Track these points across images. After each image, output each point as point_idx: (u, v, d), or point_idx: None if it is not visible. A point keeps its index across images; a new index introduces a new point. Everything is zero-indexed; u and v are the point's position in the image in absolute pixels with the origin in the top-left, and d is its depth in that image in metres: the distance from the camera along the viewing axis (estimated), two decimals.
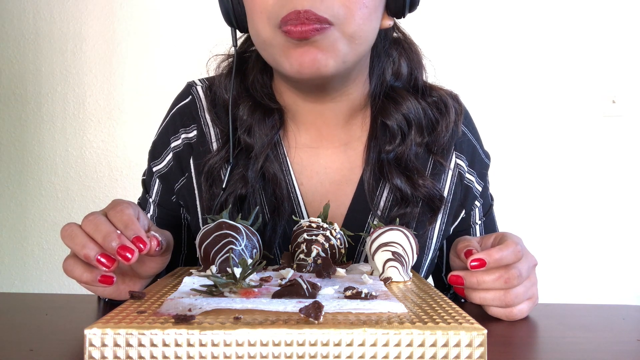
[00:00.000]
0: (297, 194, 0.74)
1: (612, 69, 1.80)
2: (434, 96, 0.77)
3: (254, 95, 0.75)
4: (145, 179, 0.82)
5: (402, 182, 0.72)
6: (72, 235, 0.52)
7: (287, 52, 0.63)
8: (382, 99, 0.75)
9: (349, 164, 0.76)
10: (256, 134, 0.73)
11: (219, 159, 0.74)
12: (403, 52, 0.77)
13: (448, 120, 0.75)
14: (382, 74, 0.75)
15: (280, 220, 0.72)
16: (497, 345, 0.49)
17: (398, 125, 0.73)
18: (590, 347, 0.50)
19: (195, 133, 0.77)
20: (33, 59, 1.79)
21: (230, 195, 0.72)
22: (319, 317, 0.37)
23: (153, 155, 0.80)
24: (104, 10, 1.78)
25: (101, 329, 0.36)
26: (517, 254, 0.57)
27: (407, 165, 0.73)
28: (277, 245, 0.73)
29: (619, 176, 1.82)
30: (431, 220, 0.75)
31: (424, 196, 0.73)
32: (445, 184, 0.77)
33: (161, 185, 0.79)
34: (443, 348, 0.37)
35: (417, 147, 0.74)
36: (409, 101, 0.74)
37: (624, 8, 1.79)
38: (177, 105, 0.80)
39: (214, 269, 0.54)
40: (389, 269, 0.56)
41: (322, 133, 0.76)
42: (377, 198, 0.74)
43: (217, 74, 0.78)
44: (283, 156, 0.75)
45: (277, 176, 0.73)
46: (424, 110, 0.75)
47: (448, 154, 0.77)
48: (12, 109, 1.80)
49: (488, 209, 0.82)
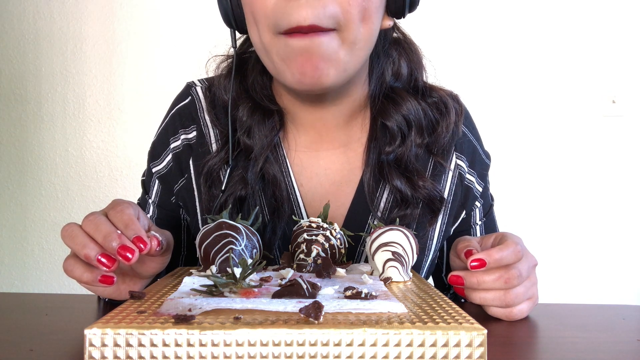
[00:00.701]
0: (296, 196, 0.74)
1: (612, 69, 1.80)
2: (434, 97, 0.77)
3: (253, 97, 0.75)
4: (145, 179, 0.82)
5: (402, 184, 0.72)
6: (73, 235, 0.51)
7: (288, 61, 0.62)
8: (382, 100, 0.74)
9: (348, 165, 0.76)
10: (256, 135, 0.72)
11: (218, 160, 0.73)
12: (403, 52, 0.77)
13: (448, 121, 0.75)
14: (381, 75, 0.75)
15: (280, 222, 0.72)
16: (497, 345, 0.49)
17: (398, 127, 0.73)
18: (590, 347, 0.50)
19: (195, 134, 0.77)
20: (33, 59, 1.79)
21: (230, 196, 0.71)
22: (319, 317, 0.37)
23: (152, 156, 0.80)
24: (104, 11, 1.78)
25: (101, 329, 0.36)
26: (517, 254, 0.57)
27: (407, 167, 0.73)
28: (276, 247, 0.73)
29: (619, 176, 1.82)
30: (431, 221, 0.75)
31: (424, 197, 0.72)
32: (445, 184, 0.77)
33: (160, 186, 0.79)
34: (443, 348, 0.37)
35: (417, 148, 0.74)
36: (408, 102, 0.74)
37: (624, 8, 1.79)
38: (176, 106, 0.80)
39: (214, 269, 0.54)
40: (389, 269, 0.56)
41: (321, 135, 0.76)
42: (377, 200, 0.74)
43: (217, 74, 0.78)
44: (283, 158, 0.75)
45: (277, 177, 0.73)
46: (424, 111, 0.75)
47: (448, 155, 0.77)
48: (12, 109, 1.80)
49: (488, 209, 0.82)
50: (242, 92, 0.75)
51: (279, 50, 0.62)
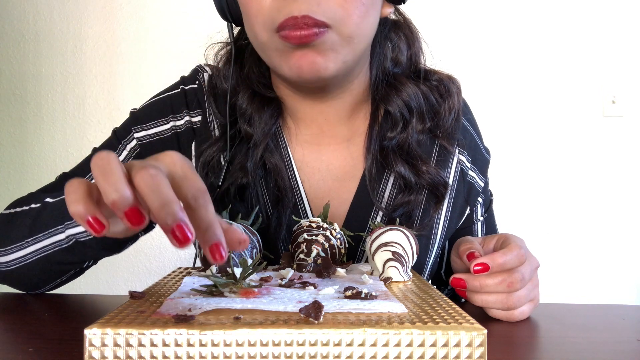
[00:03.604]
0: (299, 187, 0.73)
1: (612, 69, 1.80)
2: (435, 80, 0.76)
3: (251, 85, 0.74)
4: (118, 133, 0.77)
5: (406, 170, 0.71)
6: (108, 171, 0.37)
7: (285, 56, 0.62)
8: (384, 87, 0.74)
9: (351, 160, 0.75)
10: (255, 122, 0.72)
11: (216, 149, 0.73)
12: (402, 35, 0.76)
13: (451, 104, 0.74)
14: (382, 62, 0.74)
15: (284, 211, 0.71)
16: (497, 345, 0.49)
17: (400, 112, 0.72)
18: (590, 347, 0.50)
19: (200, 119, 0.76)
20: (33, 59, 1.79)
21: (231, 185, 0.71)
22: (319, 317, 0.37)
23: (139, 119, 0.76)
24: (104, 11, 1.78)
25: (101, 329, 0.36)
26: (520, 257, 0.57)
27: (409, 153, 0.72)
28: (282, 239, 0.72)
29: (619, 176, 1.82)
30: (436, 207, 0.74)
31: (427, 183, 0.72)
32: (450, 170, 0.76)
33: (139, 156, 0.75)
34: (443, 348, 0.37)
35: (419, 134, 0.73)
36: (409, 87, 0.73)
37: (624, 8, 1.79)
38: (186, 86, 0.78)
39: (214, 269, 0.54)
40: (389, 269, 0.56)
41: (323, 130, 0.75)
42: (381, 192, 0.73)
43: (215, 61, 0.77)
44: (284, 148, 0.74)
45: (278, 166, 0.72)
46: (425, 94, 0.74)
47: (454, 138, 0.76)
48: (12, 109, 1.80)
49: (488, 205, 0.82)
50: (241, 80, 0.75)
51: (276, 47, 0.62)
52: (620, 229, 1.81)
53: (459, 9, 1.78)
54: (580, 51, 1.80)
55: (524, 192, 1.79)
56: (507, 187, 1.71)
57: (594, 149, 1.81)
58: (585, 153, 1.81)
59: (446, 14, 1.77)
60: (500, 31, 1.79)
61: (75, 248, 0.65)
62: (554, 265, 1.75)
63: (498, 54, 1.79)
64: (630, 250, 1.82)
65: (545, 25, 1.79)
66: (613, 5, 1.79)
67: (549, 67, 1.80)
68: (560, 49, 1.80)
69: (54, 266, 0.68)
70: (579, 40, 1.79)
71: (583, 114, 1.81)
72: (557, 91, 1.80)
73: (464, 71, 0.87)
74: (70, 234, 0.64)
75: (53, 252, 0.66)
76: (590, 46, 1.80)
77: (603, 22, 1.79)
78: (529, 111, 1.80)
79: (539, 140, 1.80)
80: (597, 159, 1.81)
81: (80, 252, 0.65)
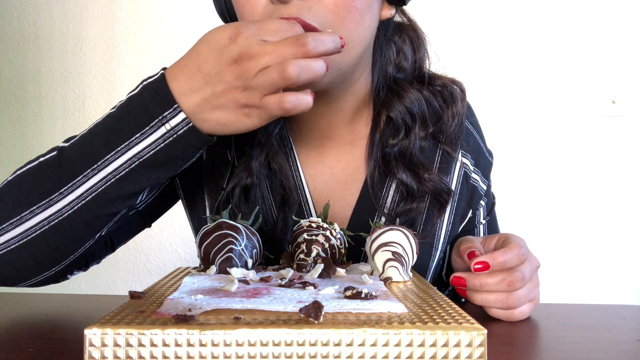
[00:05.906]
0: (304, 188, 0.73)
1: (612, 69, 1.80)
2: (438, 84, 0.75)
3: None
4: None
5: (408, 177, 0.71)
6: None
7: None
8: (386, 93, 0.73)
9: (354, 163, 0.75)
10: None
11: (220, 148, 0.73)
12: (407, 38, 0.75)
13: (454, 110, 0.74)
14: (384, 66, 0.74)
15: (290, 211, 0.71)
16: (497, 345, 0.49)
17: (402, 118, 0.72)
18: (590, 347, 0.50)
19: None
20: (33, 59, 1.79)
21: (236, 186, 0.70)
22: (319, 317, 0.37)
23: None
24: (104, 11, 1.79)
25: (101, 329, 0.36)
26: (520, 257, 0.57)
27: (411, 160, 0.72)
28: (288, 240, 0.71)
29: (619, 176, 1.82)
30: (439, 214, 0.73)
31: (430, 190, 0.71)
32: (453, 176, 0.76)
33: None
34: (443, 348, 0.37)
35: (422, 140, 0.73)
36: (411, 93, 0.73)
37: (624, 8, 1.79)
38: None
39: (214, 269, 0.54)
40: (389, 269, 0.56)
41: (325, 133, 0.75)
42: (384, 198, 0.73)
43: None
44: (290, 148, 0.74)
45: (283, 166, 0.72)
46: (428, 100, 0.73)
47: (457, 144, 0.75)
48: (12, 109, 1.80)
49: (491, 207, 0.82)
50: None
51: None
52: (620, 229, 1.81)
53: (459, 10, 1.79)
54: (580, 52, 1.80)
55: (524, 191, 1.80)
56: (508, 187, 1.71)
57: (593, 149, 1.81)
58: (585, 153, 1.81)
59: (446, 14, 1.77)
60: (500, 32, 1.79)
61: (137, 170, 0.56)
62: (554, 265, 1.75)
63: (498, 55, 1.79)
64: (630, 251, 1.82)
65: (545, 26, 1.79)
66: (613, 6, 1.79)
67: (549, 67, 1.80)
68: (560, 49, 1.80)
69: (104, 208, 0.58)
70: (579, 41, 1.80)
71: (583, 114, 1.81)
72: (557, 91, 1.80)
73: (464, 71, 0.87)
74: (132, 155, 0.56)
75: (108, 185, 0.57)
76: (591, 47, 1.80)
77: (603, 23, 1.79)
78: (529, 111, 1.80)
79: (539, 140, 1.81)
80: (597, 159, 1.81)
81: (141, 175, 0.57)
